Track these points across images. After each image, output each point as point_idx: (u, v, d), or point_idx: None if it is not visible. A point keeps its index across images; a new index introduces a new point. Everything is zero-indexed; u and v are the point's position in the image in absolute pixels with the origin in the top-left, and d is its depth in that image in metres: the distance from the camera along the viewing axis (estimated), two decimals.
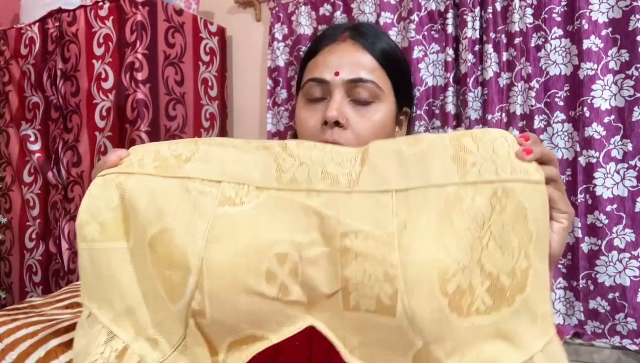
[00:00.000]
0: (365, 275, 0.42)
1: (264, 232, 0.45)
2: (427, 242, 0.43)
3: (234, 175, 0.48)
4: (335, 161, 0.47)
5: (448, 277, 0.42)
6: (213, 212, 0.46)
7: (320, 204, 0.45)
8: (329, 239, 0.44)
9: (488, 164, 0.44)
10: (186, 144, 0.50)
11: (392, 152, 0.46)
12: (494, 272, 0.43)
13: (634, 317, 1.21)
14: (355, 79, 0.62)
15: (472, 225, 0.43)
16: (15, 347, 0.85)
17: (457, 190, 0.44)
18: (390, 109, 0.66)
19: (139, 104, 1.49)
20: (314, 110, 0.65)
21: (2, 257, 1.81)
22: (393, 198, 0.45)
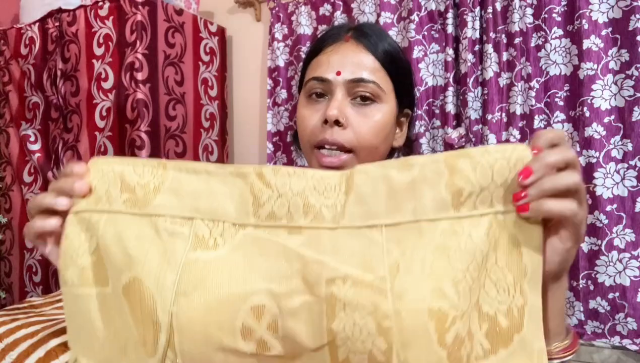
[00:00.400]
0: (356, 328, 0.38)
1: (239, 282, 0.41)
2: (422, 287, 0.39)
3: (208, 211, 0.43)
4: (318, 190, 0.42)
5: (447, 326, 0.38)
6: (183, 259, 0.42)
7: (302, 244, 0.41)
8: (312, 287, 0.40)
9: (485, 195, 0.40)
10: (154, 168, 0.45)
11: (380, 179, 0.42)
12: (491, 313, 0.40)
13: (634, 317, 1.21)
14: (356, 79, 0.62)
15: (471, 264, 0.39)
16: (15, 347, 0.85)
17: (453, 225, 0.40)
18: (391, 110, 0.66)
19: (139, 104, 1.49)
20: (315, 109, 0.65)
21: (2, 257, 1.81)
22: (383, 234, 0.41)
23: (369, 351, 0.38)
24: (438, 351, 0.38)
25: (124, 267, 0.43)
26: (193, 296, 0.40)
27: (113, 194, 0.45)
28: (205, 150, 1.74)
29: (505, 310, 0.40)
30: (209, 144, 1.76)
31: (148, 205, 0.44)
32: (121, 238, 0.44)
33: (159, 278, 0.41)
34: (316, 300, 0.39)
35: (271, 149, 1.71)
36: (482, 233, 0.40)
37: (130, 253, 0.43)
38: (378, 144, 0.64)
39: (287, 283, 0.40)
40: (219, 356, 0.40)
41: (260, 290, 0.41)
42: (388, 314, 0.38)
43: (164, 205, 0.44)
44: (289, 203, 0.42)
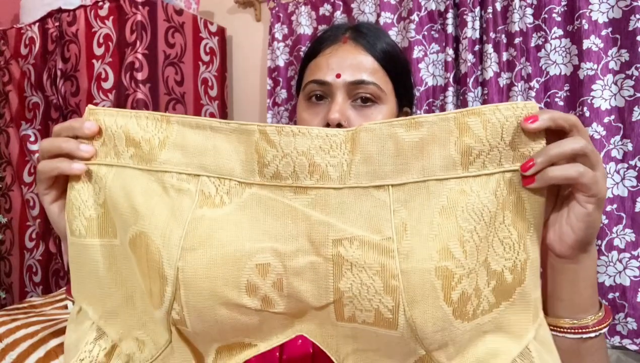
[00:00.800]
0: (363, 287, 0.39)
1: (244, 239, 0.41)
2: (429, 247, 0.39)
3: (214, 168, 0.43)
4: (323, 149, 0.42)
5: (453, 285, 0.39)
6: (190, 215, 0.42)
7: (308, 203, 0.41)
8: (318, 247, 0.40)
9: (494, 153, 0.40)
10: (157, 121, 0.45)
11: (388, 137, 0.41)
12: (498, 270, 0.41)
13: (634, 317, 1.21)
14: (356, 81, 0.62)
15: (478, 224, 0.40)
16: (15, 347, 0.85)
17: (461, 185, 0.40)
18: (391, 110, 0.66)
19: (139, 104, 1.49)
20: (316, 113, 0.65)
21: (2, 257, 1.81)
22: (390, 194, 0.41)
23: (375, 309, 0.39)
24: (444, 307, 0.39)
25: (131, 221, 0.43)
26: (199, 251, 0.41)
27: (120, 148, 0.45)
28: None
29: (511, 266, 0.41)
30: None
31: (154, 161, 0.44)
32: (128, 193, 0.44)
33: (165, 233, 0.42)
34: (322, 260, 0.40)
35: None
36: (489, 192, 0.40)
37: (137, 208, 0.43)
38: None
39: (293, 243, 0.41)
40: (223, 310, 0.41)
41: (266, 248, 0.41)
42: (395, 274, 0.38)
43: (170, 161, 0.44)
44: (294, 163, 0.42)
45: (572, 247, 0.42)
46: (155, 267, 0.42)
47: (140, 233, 0.43)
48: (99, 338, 0.47)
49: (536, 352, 0.42)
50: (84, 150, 0.45)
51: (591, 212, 0.41)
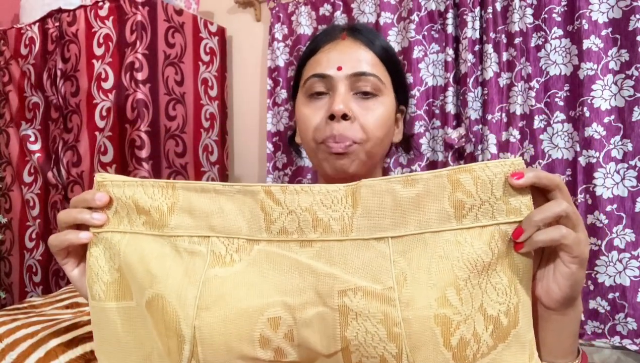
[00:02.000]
0: (368, 335, 0.41)
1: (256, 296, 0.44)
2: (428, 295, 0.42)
3: (222, 228, 0.46)
4: (325, 204, 0.45)
5: (452, 330, 0.41)
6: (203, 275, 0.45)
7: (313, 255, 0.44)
8: (325, 298, 0.43)
9: (485, 207, 0.43)
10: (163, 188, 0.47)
11: (386, 193, 0.44)
12: (494, 315, 0.43)
13: (634, 317, 1.21)
14: (358, 73, 0.63)
15: (472, 273, 0.43)
16: (15, 347, 0.85)
17: (455, 236, 0.43)
18: (391, 103, 0.66)
19: (139, 104, 1.49)
20: (317, 107, 0.64)
21: (2, 257, 1.81)
22: (390, 246, 0.43)
23: (380, 355, 0.41)
24: (444, 353, 0.41)
25: (147, 284, 0.46)
26: (214, 310, 0.43)
27: (132, 217, 0.48)
28: (205, 150, 1.74)
29: (505, 310, 0.43)
30: (209, 144, 1.76)
31: (166, 227, 0.47)
32: (143, 257, 0.47)
33: (181, 294, 0.44)
34: (329, 310, 0.42)
35: (271, 149, 1.71)
36: (483, 243, 0.43)
37: (152, 272, 0.46)
38: (383, 137, 0.65)
39: (301, 295, 0.43)
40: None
41: (276, 302, 0.43)
42: (397, 321, 0.41)
43: (181, 225, 0.47)
44: (298, 219, 0.45)
45: (559, 302, 0.45)
46: (172, 326, 0.44)
47: (157, 295, 0.45)
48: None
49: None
50: (96, 218, 0.49)
51: (575, 271, 0.43)
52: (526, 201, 0.43)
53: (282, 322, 0.43)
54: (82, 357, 0.81)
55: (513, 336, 0.43)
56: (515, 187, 0.43)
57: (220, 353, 0.43)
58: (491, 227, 0.43)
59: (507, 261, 0.44)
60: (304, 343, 0.43)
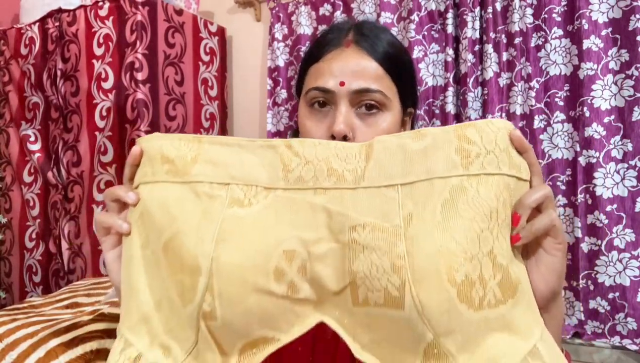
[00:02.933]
0: (373, 267, 0.43)
1: (272, 230, 0.46)
2: (433, 233, 0.43)
3: (242, 177, 0.48)
4: (340, 157, 0.47)
5: (456, 266, 0.42)
6: (222, 214, 0.47)
7: (327, 201, 0.46)
8: (337, 235, 0.45)
9: (491, 157, 0.45)
10: (189, 141, 0.50)
11: (397, 147, 0.46)
12: (504, 264, 0.44)
13: (634, 317, 1.21)
14: (361, 89, 0.61)
15: (477, 215, 0.44)
16: (15, 347, 0.85)
17: (462, 182, 0.44)
18: (395, 117, 0.64)
19: (139, 104, 1.49)
20: (319, 121, 0.63)
21: (2, 257, 1.81)
22: (399, 192, 0.45)
23: (384, 288, 0.43)
24: (448, 288, 0.42)
25: (166, 225, 0.48)
26: (231, 242, 0.45)
27: (155, 167, 0.50)
28: None
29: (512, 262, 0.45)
30: None
31: (187, 174, 0.49)
32: (164, 202, 0.49)
33: (200, 229, 0.46)
34: (340, 246, 0.44)
35: None
36: (488, 190, 0.44)
37: (172, 212, 0.48)
38: None
39: (315, 232, 0.45)
40: (253, 297, 0.45)
41: (292, 237, 0.45)
42: (401, 255, 0.42)
43: (202, 173, 0.49)
44: (315, 169, 0.47)
45: (546, 298, 0.46)
46: (189, 261, 0.46)
47: (176, 233, 0.47)
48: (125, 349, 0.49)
49: (545, 351, 0.44)
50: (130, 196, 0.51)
51: (560, 259, 0.45)
52: (524, 163, 0.46)
53: (297, 255, 0.45)
54: (82, 357, 0.81)
55: (520, 293, 0.44)
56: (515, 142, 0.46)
57: (236, 285, 0.44)
58: (496, 176, 0.45)
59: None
60: (316, 278, 0.45)
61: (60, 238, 1.63)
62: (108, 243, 0.54)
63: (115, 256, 0.54)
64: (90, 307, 1.06)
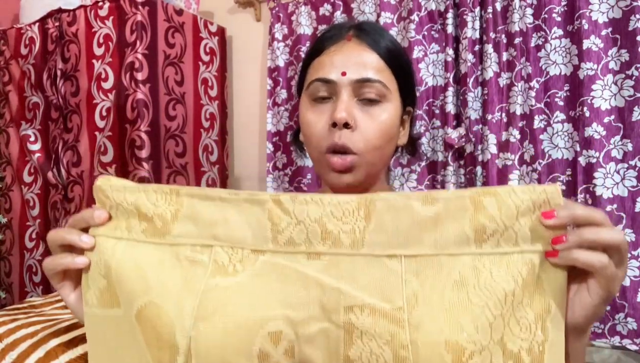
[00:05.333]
0: (372, 356, 0.39)
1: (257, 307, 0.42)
2: (440, 320, 0.39)
3: (226, 238, 0.44)
4: (336, 216, 0.42)
5: (464, 360, 0.38)
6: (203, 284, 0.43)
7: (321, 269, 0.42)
8: (330, 313, 0.40)
9: (509, 233, 0.40)
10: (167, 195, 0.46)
11: (403, 209, 0.42)
12: (515, 351, 0.40)
13: (634, 317, 1.21)
14: (362, 79, 0.62)
15: (490, 301, 0.40)
16: (15, 347, 0.85)
17: (474, 261, 0.40)
18: (396, 109, 0.65)
19: (139, 104, 1.49)
20: (321, 112, 0.64)
21: (2, 257, 1.81)
22: (402, 264, 0.41)
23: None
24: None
25: (140, 292, 0.44)
26: (212, 321, 0.41)
27: (132, 223, 0.46)
28: (205, 150, 1.74)
29: (528, 347, 0.40)
30: (209, 144, 1.76)
31: (168, 234, 0.45)
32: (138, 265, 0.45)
33: (178, 303, 0.42)
34: (334, 327, 0.40)
35: (271, 149, 1.71)
36: (503, 271, 0.40)
37: (147, 279, 0.44)
38: (384, 145, 0.64)
39: (305, 310, 0.41)
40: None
41: (278, 316, 0.41)
42: (405, 344, 0.38)
43: (184, 234, 0.45)
44: (307, 230, 0.42)
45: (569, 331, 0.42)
46: (166, 337, 0.42)
47: (150, 303, 0.43)
48: None
49: None
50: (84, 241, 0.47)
51: (596, 304, 0.40)
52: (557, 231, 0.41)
53: (284, 337, 0.41)
54: (82, 357, 0.81)
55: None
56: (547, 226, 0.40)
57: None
58: (514, 255, 0.40)
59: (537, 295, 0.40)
60: (305, 361, 0.41)
61: None
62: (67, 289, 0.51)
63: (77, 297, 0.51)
64: None
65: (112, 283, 0.46)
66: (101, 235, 0.47)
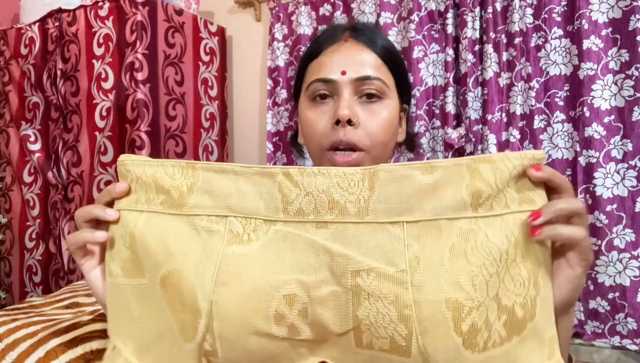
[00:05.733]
0: (379, 315, 0.42)
1: (272, 272, 0.45)
2: (440, 280, 0.42)
3: (240, 209, 0.47)
4: (342, 186, 0.45)
5: (463, 316, 0.41)
6: (221, 252, 0.46)
7: (329, 237, 0.45)
8: (339, 278, 0.43)
9: (500, 197, 0.44)
10: (183, 168, 0.49)
11: (404, 178, 0.44)
12: (509, 305, 0.43)
13: (634, 317, 1.21)
14: (362, 77, 0.62)
15: (487, 260, 0.43)
16: (15, 347, 0.85)
17: (470, 224, 0.43)
18: (395, 105, 0.66)
19: (139, 104, 1.49)
20: (322, 111, 0.64)
21: (2, 257, 1.81)
22: (404, 230, 0.44)
23: (390, 336, 0.42)
24: (454, 338, 0.41)
25: (163, 260, 0.47)
26: (231, 285, 0.44)
27: (150, 196, 0.49)
28: (205, 150, 1.74)
29: (522, 302, 0.43)
30: (209, 144, 1.76)
31: (185, 206, 0.48)
32: (160, 235, 0.48)
33: (198, 269, 0.45)
34: (343, 289, 0.43)
35: (271, 148, 1.71)
36: (497, 232, 0.43)
37: (170, 248, 0.47)
38: (387, 141, 0.65)
39: (316, 274, 0.44)
40: (253, 340, 0.44)
41: (292, 280, 0.44)
42: (408, 304, 0.41)
43: (200, 205, 0.48)
44: (315, 201, 0.45)
45: (557, 308, 0.45)
46: (188, 301, 0.45)
47: (173, 270, 0.46)
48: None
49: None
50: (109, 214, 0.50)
51: (579, 274, 0.44)
52: (541, 193, 0.44)
53: (298, 299, 0.44)
54: (82, 357, 0.81)
55: (529, 330, 0.43)
56: (532, 178, 0.43)
57: (236, 328, 0.44)
58: (505, 215, 0.44)
59: (528, 253, 0.44)
60: (317, 321, 0.44)
61: (60, 238, 1.63)
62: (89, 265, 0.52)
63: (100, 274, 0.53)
64: (90, 307, 1.06)
65: (136, 254, 0.49)
66: (124, 209, 0.50)
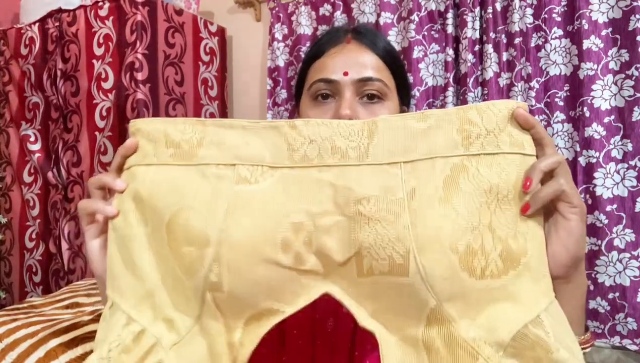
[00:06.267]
0: (378, 237, 0.44)
1: (280, 204, 0.47)
2: (435, 205, 0.45)
3: (247, 158, 0.49)
4: (343, 135, 0.48)
5: (457, 235, 0.44)
6: (231, 190, 0.48)
7: (332, 177, 0.47)
8: (342, 208, 0.46)
9: (490, 138, 0.47)
10: (194, 124, 0.51)
11: (401, 126, 0.48)
12: (503, 237, 0.45)
13: (634, 317, 1.21)
14: (364, 78, 0.64)
15: (477, 190, 0.45)
16: (15, 347, 0.85)
17: (462, 161, 0.46)
18: (395, 107, 0.68)
19: (139, 104, 1.49)
20: (323, 111, 0.65)
21: (2, 257, 1.81)
22: (401, 169, 0.47)
23: (389, 256, 0.44)
24: (450, 256, 0.44)
25: (172, 202, 0.49)
26: (241, 216, 0.47)
27: (160, 150, 0.51)
28: None
29: (513, 235, 0.46)
30: None
31: (194, 157, 0.50)
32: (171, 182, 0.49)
33: (210, 205, 0.47)
34: (345, 219, 0.46)
35: None
36: (489, 168, 0.46)
37: (180, 191, 0.49)
38: None
39: (321, 205, 0.46)
40: (260, 268, 0.46)
41: (299, 209, 0.47)
42: (405, 225, 0.44)
43: (209, 156, 0.50)
44: (319, 147, 0.48)
45: (567, 265, 0.46)
46: (196, 232, 0.47)
47: (182, 208, 0.48)
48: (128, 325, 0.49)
49: (548, 322, 0.44)
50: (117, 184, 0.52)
51: (577, 223, 0.45)
52: (528, 139, 0.47)
53: (304, 227, 0.46)
54: (82, 357, 0.81)
55: (524, 265, 0.45)
56: (519, 119, 0.47)
57: (244, 254, 0.45)
58: (498, 156, 0.46)
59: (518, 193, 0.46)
60: (322, 250, 0.46)
61: (60, 238, 1.63)
62: (92, 231, 0.53)
63: (99, 244, 0.53)
64: (90, 307, 1.06)
65: (142, 204, 0.50)
66: (133, 165, 0.51)
